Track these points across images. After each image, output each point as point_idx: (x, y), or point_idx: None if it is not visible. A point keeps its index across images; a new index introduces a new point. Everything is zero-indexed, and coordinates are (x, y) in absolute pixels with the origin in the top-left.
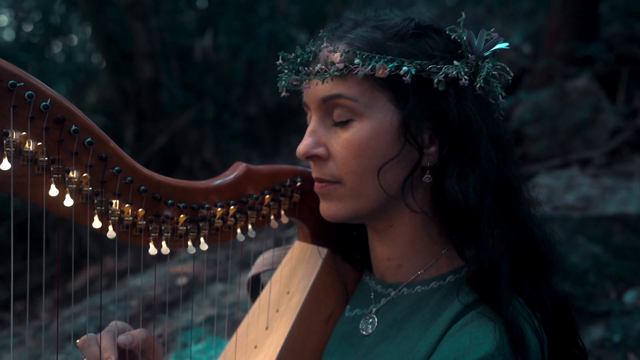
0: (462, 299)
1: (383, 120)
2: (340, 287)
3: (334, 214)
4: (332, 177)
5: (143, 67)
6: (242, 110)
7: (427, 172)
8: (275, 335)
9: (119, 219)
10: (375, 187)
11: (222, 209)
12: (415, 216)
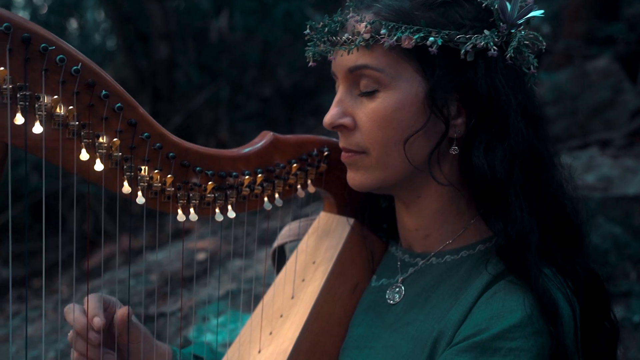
0: (491, 269)
1: (409, 91)
2: (366, 257)
3: (360, 184)
4: (358, 147)
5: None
6: (257, 91)
7: (454, 143)
8: (301, 305)
9: (147, 185)
10: (400, 158)
11: (249, 177)
12: (443, 187)
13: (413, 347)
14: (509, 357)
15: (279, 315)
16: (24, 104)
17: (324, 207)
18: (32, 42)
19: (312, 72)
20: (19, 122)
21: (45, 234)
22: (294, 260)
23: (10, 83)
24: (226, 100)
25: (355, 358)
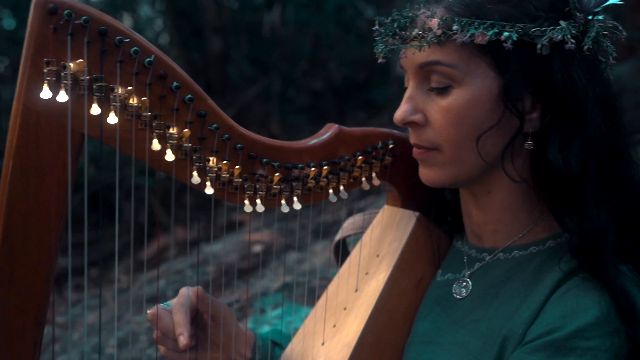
0: (564, 265)
1: (482, 87)
2: (431, 251)
3: (433, 180)
4: (430, 144)
5: (212, 42)
6: (308, 85)
7: (528, 138)
8: (366, 298)
9: (216, 176)
10: (473, 154)
11: (314, 169)
12: (513, 183)
13: (482, 344)
14: (585, 356)
15: (343, 308)
16: (100, 94)
17: (387, 200)
18: (108, 34)
19: (363, 65)
20: (95, 112)
21: (101, 225)
22: (357, 253)
23: (87, 74)
24: (277, 94)
25: (421, 353)
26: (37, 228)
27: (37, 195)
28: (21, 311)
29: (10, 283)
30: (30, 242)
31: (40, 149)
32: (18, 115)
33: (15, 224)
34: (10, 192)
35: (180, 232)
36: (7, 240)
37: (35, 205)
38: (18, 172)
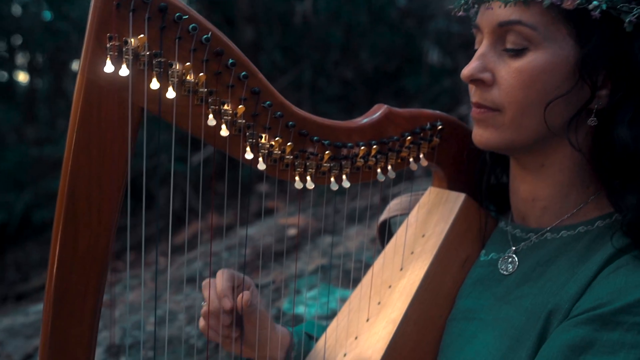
0: (616, 242)
1: (559, 54)
2: (476, 231)
3: (487, 141)
4: (492, 105)
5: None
6: (339, 74)
7: (592, 114)
8: (411, 277)
9: (268, 153)
10: (536, 121)
11: (363, 148)
12: (569, 158)
13: (526, 319)
14: (632, 331)
15: (388, 286)
16: (159, 70)
17: (433, 182)
18: (167, 11)
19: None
20: (154, 87)
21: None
22: (403, 233)
23: (147, 50)
24: (308, 83)
25: (464, 329)
26: (98, 199)
27: (99, 167)
28: (83, 278)
29: (74, 251)
30: (92, 213)
31: (102, 122)
32: (82, 88)
33: (78, 195)
34: (73, 164)
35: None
36: (71, 210)
37: (97, 177)
38: (81, 144)
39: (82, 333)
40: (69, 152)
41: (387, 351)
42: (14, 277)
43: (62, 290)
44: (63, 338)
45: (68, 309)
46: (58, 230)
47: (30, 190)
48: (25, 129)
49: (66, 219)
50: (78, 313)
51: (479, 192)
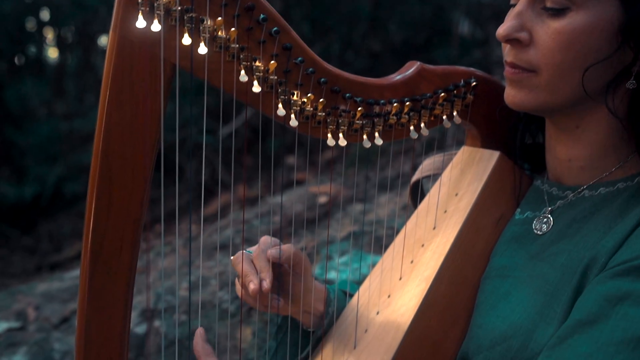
0: None
1: (602, 16)
2: (511, 190)
3: (521, 103)
4: (528, 65)
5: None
6: (367, 47)
7: (631, 77)
8: (444, 235)
9: (300, 110)
10: (573, 84)
11: (396, 105)
12: (605, 120)
13: (562, 275)
14: None
15: (421, 245)
16: (190, 25)
17: (466, 141)
18: None
19: (423, 26)
20: (186, 42)
21: (167, 183)
22: (436, 192)
23: (179, 5)
24: (336, 56)
25: (498, 287)
26: (132, 156)
27: (132, 124)
28: (118, 234)
29: (109, 207)
30: (126, 170)
31: (134, 79)
32: (114, 45)
33: (111, 152)
34: (107, 121)
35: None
36: (105, 168)
37: (130, 134)
38: (114, 102)
39: (118, 289)
40: (102, 109)
41: (420, 309)
42: (47, 248)
43: (99, 247)
44: (100, 295)
45: (105, 265)
46: (94, 187)
47: (61, 164)
48: (55, 103)
49: (101, 176)
50: (114, 269)
51: (513, 151)
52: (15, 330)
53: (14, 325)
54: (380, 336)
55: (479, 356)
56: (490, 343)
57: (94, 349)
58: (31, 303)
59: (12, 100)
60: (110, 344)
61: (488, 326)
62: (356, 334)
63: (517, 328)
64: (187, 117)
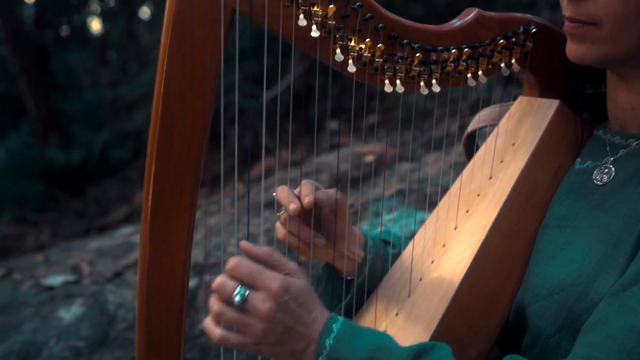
0: None
1: None
2: (570, 140)
3: (583, 56)
4: (588, 18)
5: None
6: (409, 12)
7: None
8: (500, 185)
9: (357, 56)
10: (635, 33)
11: (454, 51)
12: None
13: (624, 225)
14: None
15: (476, 195)
16: None
17: (524, 91)
18: None
19: None
20: None
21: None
22: (492, 142)
23: None
24: None
25: (556, 237)
26: (192, 99)
27: (192, 68)
28: (179, 178)
29: (170, 149)
30: (186, 112)
31: (195, 24)
32: None
33: (172, 94)
34: (168, 65)
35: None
36: (166, 110)
37: (190, 78)
38: (174, 46)
39: (179, 231)
40: (163, 52)
41: (476, 257)
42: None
43: (160, 189)
44: (162, 237)
45: (166, 206)
46: (155, 129)
47: (107, 130)
48: (99, 72)
49: (163, 118)
50: (175, 211)
51: (573, 100)
52: (71, 284)
53: (69, 278)
54: (435, 284)
55: (536, 305)
56: (548, 292)
57: (155, 292)
58: (85, 258)
59: (58, 70)
60: (171, 286)
61: (546, 275)
62: (410, 283)
63: (576, 277)
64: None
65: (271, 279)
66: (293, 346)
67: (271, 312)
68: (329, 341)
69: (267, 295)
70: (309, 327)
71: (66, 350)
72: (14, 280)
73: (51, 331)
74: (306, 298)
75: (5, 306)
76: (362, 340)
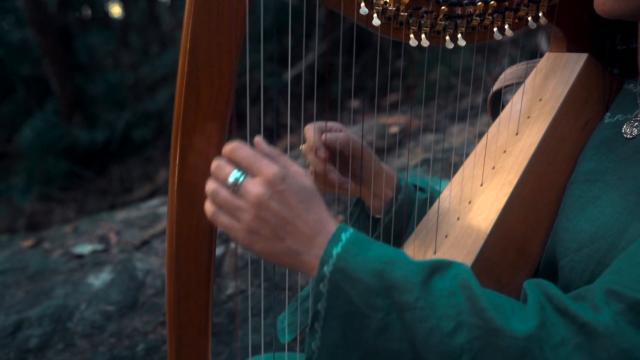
0: None
1: None
2: (599, 94)
3: (611, 10)
4: None
5: None
6: None
7: None
8: (527, 140)
9: (382, 10)
10: None
11: (480, 4)
12: None
13: None
14: None
15: (503, 151)
16: None
17: (551, 46)
18: None
19: None
20: None
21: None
22: (519, 99)
23: None
24: None
25: (586, 191)
26: (218, 54)
27: (218, 23)
28: (206, 133)
29: (197, 105)
30: (212, 67)
31: None
32: None
33: (199, 50)
34: (194, 19)
35: None
36: (193, 65)
37: (217, 33)
38: (200, 2)
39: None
40: (190, 7)
41: (503, 212)
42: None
43: (188, 142)
44: (189, 188)
45: (193, 162)
46: (182, 85)
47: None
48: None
49: (189, 74)
50: (202, 167)
51: (602, 55)
52: (100, 252)
53: (98, 247)
54: (462, 240)
55: (565, 259)
56: (578, 245)
57: (184, 240)
58: (112, 229)
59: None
60: (199, 237)
61: (575, 229)
62: (436, 240)
63: (607, 229)
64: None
65: (268, 166)
66: (290, 245)
67: (264, 197)
68: (337, 249)
69: (261, 181)
70: (310, 226)
71: (97, 314)
72: (44, 249)
73: (82, 296)
74: (308, 195)
75: (36, 273)
76: (372, 252)
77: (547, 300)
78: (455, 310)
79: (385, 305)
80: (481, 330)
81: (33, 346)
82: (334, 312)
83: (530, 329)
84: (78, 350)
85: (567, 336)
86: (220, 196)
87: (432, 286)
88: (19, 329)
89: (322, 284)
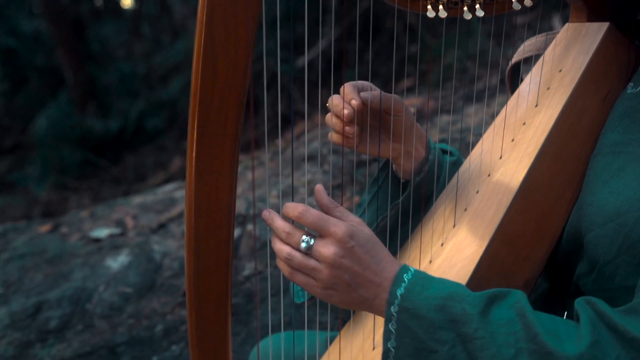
0: None
1: None
2: (620, 64)
3: None
4: None
5: None
6: None
7: None
8: (547, 112)
9: None
10: None
11: None
12: None
13: None
14: None
15: (522, 123)
16: None
17: (571, 17)
18: None
19: None
20: None
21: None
22: (538, 71)
23: None
24: None
25: (610, 163)
26: (234, 28)
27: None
28: (223, 107)
29: (214, 80)
30: (229, 41)
31: None
32: None
33: (215, 24)
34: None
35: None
36: (209, 38)
37: (232, 7)
38: None
39: (225, 159)
40: None
41: (523, 184)
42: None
43: (205, 117)
44: (207, 165)
45: (210, 139)
46: (199, 58)
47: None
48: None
49: (206, 47)
50: (219, 144)
51: (624, 25)
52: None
53: (115, 231)
54: (481, 213)
55: (591, 234)
56: (603, 220)
57: (204, 218)
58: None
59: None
60: (218, 212)
61: (600, 203)
62: (455, 214)
63: (633, 202)
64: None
65: (336, 226)
66: (362, 293)
67: (336, 257)
68: (400, 290)
69: (332, 241)
70: (377, 274)
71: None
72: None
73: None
74: (373, 246)
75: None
76: (433, 289)
77: (598, 319)
78: (514, 337)
79: (449, 338)
80: (537, 355)
81: (53, 327)
82: (404, 351)
83: (582, 349)
84: (97, 330)
85: (622, 354)
86: (295, 260)
87: (490, 316)
88: (39, 311)
89: (390, 323)
